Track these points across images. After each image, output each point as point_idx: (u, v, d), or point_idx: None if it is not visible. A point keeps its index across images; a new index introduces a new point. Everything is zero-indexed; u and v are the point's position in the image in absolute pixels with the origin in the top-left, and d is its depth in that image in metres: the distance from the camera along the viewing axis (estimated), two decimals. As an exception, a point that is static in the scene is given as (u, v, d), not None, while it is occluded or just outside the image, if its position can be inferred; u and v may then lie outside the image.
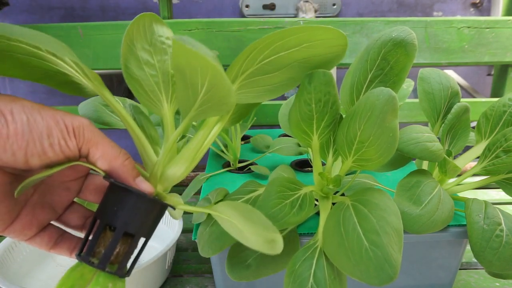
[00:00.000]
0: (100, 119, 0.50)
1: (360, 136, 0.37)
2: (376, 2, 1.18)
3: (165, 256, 0.54)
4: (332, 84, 0.39)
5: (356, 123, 0.37)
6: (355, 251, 0.34)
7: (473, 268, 0.60)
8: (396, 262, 0.33)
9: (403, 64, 0.41)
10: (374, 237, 0.34)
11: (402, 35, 0.41)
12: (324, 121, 0.41)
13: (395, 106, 0.35)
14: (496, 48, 0.89)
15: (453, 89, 0.51)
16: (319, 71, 0.39)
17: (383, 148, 0.36)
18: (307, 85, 0.39)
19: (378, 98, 0.36)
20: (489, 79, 1.17)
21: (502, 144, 0.45)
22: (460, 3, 1.18)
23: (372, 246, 0.34)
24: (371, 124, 0.36)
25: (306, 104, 0.40)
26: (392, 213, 0.36)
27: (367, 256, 0.33)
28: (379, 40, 0.42)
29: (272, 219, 0.37)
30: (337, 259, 0.35)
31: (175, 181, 0.36)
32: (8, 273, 0.54)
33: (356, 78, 0.44)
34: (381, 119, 0.35)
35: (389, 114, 0.35)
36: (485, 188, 0.85)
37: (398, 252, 0.34)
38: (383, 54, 0.41)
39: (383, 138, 0.36)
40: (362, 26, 0.87)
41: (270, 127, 0.96)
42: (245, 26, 0.85)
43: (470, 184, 0.51)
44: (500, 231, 0.42)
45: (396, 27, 0.42)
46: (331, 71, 1.06)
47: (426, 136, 0.43)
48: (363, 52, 0.44)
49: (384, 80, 0.42)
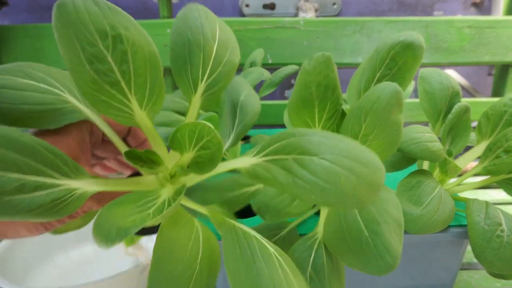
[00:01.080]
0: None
1: (365, 129, 0.37)
2: (377, 2, 1.18)
3: (165, 256, 0.53)
4: (331, 67, 0.39)
5: (361, 115, 0.37)
6: (355, 241, 0.34)
7: (473, 268, 0.60)
8: (397, 250, 0.33)
9: (410, 65, 0.42)
10: (374, 226, 0.34)
11: (410, 39, 0.42)
12: (326, 112, 0.40)
13: (400, 100, 0.35)
14: (497, 48, 0.89)
15: (453, 89, 0.51)
16: (318, 54, 0.38)
17: (386, 142, 0.36)
18: (306, 67, 0.39)
19: (383, 91, 0.36)
20: (489, 79, 1.16)
21: (503, 144, 0.45)
22: (460, 3, 1.18)
23: (372, 235, 0.33)
24: (376, 117, 0.36)
25: (306, 87, 0.39)
26: (393, 205, 0.36)
27: (367, 245, 0.33)
28: (388, 42, 0.43)
29: (273, 209, 0.37)
30: (338, 249, 0.35)
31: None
32: (8, 273, 0.54)
33: (365, 77, 0.44)
34: (387, 112, 0.35)
35: (395, 107, 0.35)
36: (486, 188, 0.85)
37: (398, 241, 0.34)
38: (392, 55, 0.42)
39: (387, 131, 0.36)
40: (362, 26, 0.87)
41: (270, 127, 0.96)
42: (245, 25, 0.85)
43: (471, 184, 0.51)
44: (501, 232, 0.42)
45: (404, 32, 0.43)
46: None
47: (427, 136, 0.43)
48: (373, 53, 0.44)
49: (391, 80, 0.42)
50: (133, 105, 0.29)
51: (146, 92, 0.29)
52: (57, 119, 0.28)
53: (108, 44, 0.26)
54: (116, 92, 0.27)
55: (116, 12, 0.27)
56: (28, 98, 0.27)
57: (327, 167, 0.25)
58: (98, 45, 0.26)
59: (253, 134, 0.77)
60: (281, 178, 0.26)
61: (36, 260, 0.60)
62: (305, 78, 0.39)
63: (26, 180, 0.21)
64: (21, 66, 0.30)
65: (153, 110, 0.30)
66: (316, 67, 0.38)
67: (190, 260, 0.28)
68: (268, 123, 0.91)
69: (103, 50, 0.26)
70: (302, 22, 0.86)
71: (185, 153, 0.30)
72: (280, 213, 0.38)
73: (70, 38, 0.25)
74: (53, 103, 0.28)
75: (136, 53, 0.27)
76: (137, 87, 0.28)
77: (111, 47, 0.26)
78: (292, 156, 0.26)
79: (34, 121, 0.27)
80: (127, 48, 0.27)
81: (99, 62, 0.26)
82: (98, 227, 0.23)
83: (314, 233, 0.40)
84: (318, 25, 0.86)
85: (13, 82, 0.27)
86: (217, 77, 0.34)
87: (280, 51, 0.86)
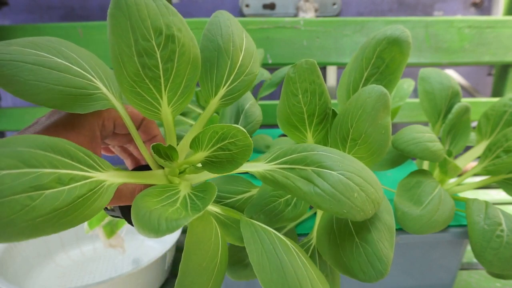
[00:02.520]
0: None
1: (352, 133, 0.37)
2: (377, 2, 1.18)
3: (165, 256, 0.53)
4: (316, 73, 0.39)
5: (348, 120, 0.37)
6: (346, 248, 0.34)
7: (473, 268, 0.60)
8: (387, 258, 0.33)
9: (398, 62, 0.41)
10: (365, 233, 0.34)
11: (396, 33, 0.41)
12: (315, 117, 0.40)
13: (386, 103, 0.35)
14: (497, 48, 0.89)
15: (453, 89, 0.51)
16: (301, 60, 0.39)
17: (375, 146, 0.36)
18: (291, 75, 0.39)
19: (369, 95, 0.36)
20: (489, 79, 1.16)
21: (503, 144, 0.45)
22: (460, 3, 1.18)
23: (362, 242, 0.34)
24: (362, 122, 0.36)
25: (293, 95, 0.39)
26: (384, 210, 0.36)
27: (357, 252, 0.33)
28: (374, 38, 0.42)
29: (267, 215, 0.37)
30: (329, 256, 0.35)
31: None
32: (8, 273, 0.54)
33: (352, 77, 0.43)
34: (373, 117, 0.35)
35: (381, 111, 0.35)
36: (486, 188, 0.85)
37: (389, 248, 0.34)
38: (378, 53, 0.41)
39: (375, 135, 0.36)
40: (362, 26, 0.86)
41: (270, 127, 0.96)
42: (245, 25, 0.85)
43: (470, 184, 0.51)
44: (500, 232, 0.42)
45: (390, 25, 0.42)
46: (332, 70, 1.06)
47: (427, 136, 0.43)
48: (359, 51, 0.44)
49: (380, 79, 0.42)
50: (163, 101, 0.30)
51: (179, 92, 0.31)
52: (86, 104, 0.28)
53: (160, 42, 0.28)
54: (153, 86, 0.29)
55: (172, 13, 0.28)
56: (63, 80, 0.27)
57: (345, 182, 0.29)
58: (151, 40, 0.27)
59: (253, 134, 0.77)
60: (301, 186, 0.29)
61: (36, 259, 0.60)
62: (291, 86, 0.39)
63: (60, 173, 0.23)
64: (53, 42, 0.30)
65: (179, 109, 0.32)
66: (301, 74, 0.38)
67: (213, 253, 0.30)
68: (268, 123, 0.91)
69: (155, 46, 0.27)
70: (302, 22, 0.86)
71: (199, 152, 0.31)
72: (274, 219, 0.38)
73: (125, 28, 0.26)
74: (86, 88, 0.28)
75: (183, 54, 0.29)
76: (173, 85, 0.30)
77: (162, 45, 0.28)
78: (312, 168, 0.30)
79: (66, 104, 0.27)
80: (177, 49, 0.28)
81: (147, 56, 0.27)
82: (142, 219, 0.24)
83: (308, 239, 0.40)
84: (318, 25, 0.86)
85: (50, 61, 0.27)
86: (238, 85, 0.35)
87: (280, 51, 0.86)
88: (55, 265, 0.61)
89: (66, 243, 0.64)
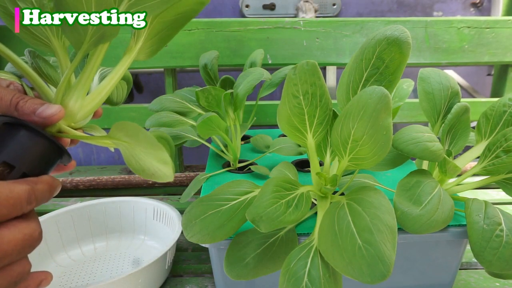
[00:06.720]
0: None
1: (354, 135, 0.37)
2: (376, 2, 1.18)
3: (165, 256, 0.53)
4: (317, 74, 0.39)
5: (349, 122, 0.37)
6: (348, 249, 0.34)
7: (473, 268, 0.60)
8: (389, 259, 0.33)
9: (398, 62, 0.41)
10: (367, 235, 0.34)
11: (396, 34, 0.41)
12: (316, 118, 0.40)
13: (388, 104, 0.35)
14: (496, 48, 0.89)
15: (453, 89, 0.51)
16: (302, 62, 0.39)
17: (377, 146, 0.36)
18: (292, 76, 0.39)
19: (370, 96, 0.36)
20: (489, 79, 1.17)
21: (502, 144, 0.45)
22: (460, 3, 1.18)
23: (365, 244, 0.34)
24: (364, 123, 0.36)
25: (294, 97, 0.39)
26: (386, 211, 0.36)
27: (360, 254, 0.33)
28: (373, 39, 0.42)
29: (267, 218, 0.37)
30: (331, 257, 0.35)
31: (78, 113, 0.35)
32: (8, 273, 0.54)
33: (352, 78, 0.44)
34: (374, 118, 0.35)
35: (382, 112, 0.35)
36: (485, 188, 0.85)
37: (391, 249, 0.34)
38: (378, 53, 0.41)
39: (376, 136, 0.36)
40: (362, 26, 0.87)
41: (270, 127, 0.96)
42: (245, 26, 0.85)
43: (470, 184, 0.51)
44: (500, 231, 0.42)
45: (390, 26, 0.42)
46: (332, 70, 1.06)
47: (426, 136, 0.43)
48: (358, 52, 0.44)
49: (380, 79, 0.42)
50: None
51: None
52: None
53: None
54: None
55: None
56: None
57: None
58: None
59: (253, 134, 0.77)
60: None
61: (36, 259, 0.60)
62: (292, 87, 0.39)
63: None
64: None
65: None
66: (302, 76, 0.38)
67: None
68: (268, 123, 0.91)
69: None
70: (302, 23, 0.86)
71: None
72: (275, 222, 0.37)
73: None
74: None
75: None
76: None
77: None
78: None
79: None
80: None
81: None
82: None
83: (310, 240, 0.40)
84: (318, 26, 0.86)
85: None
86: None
87: (280, 51, 0.86)
88: (56, 265, 0.61)
89: (67, 243, 0.64)
